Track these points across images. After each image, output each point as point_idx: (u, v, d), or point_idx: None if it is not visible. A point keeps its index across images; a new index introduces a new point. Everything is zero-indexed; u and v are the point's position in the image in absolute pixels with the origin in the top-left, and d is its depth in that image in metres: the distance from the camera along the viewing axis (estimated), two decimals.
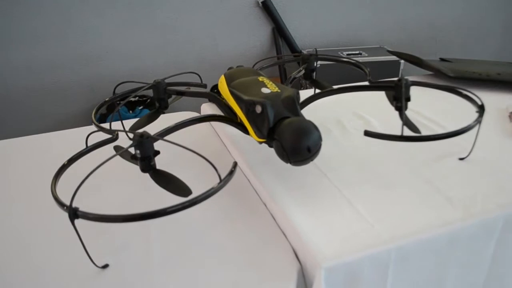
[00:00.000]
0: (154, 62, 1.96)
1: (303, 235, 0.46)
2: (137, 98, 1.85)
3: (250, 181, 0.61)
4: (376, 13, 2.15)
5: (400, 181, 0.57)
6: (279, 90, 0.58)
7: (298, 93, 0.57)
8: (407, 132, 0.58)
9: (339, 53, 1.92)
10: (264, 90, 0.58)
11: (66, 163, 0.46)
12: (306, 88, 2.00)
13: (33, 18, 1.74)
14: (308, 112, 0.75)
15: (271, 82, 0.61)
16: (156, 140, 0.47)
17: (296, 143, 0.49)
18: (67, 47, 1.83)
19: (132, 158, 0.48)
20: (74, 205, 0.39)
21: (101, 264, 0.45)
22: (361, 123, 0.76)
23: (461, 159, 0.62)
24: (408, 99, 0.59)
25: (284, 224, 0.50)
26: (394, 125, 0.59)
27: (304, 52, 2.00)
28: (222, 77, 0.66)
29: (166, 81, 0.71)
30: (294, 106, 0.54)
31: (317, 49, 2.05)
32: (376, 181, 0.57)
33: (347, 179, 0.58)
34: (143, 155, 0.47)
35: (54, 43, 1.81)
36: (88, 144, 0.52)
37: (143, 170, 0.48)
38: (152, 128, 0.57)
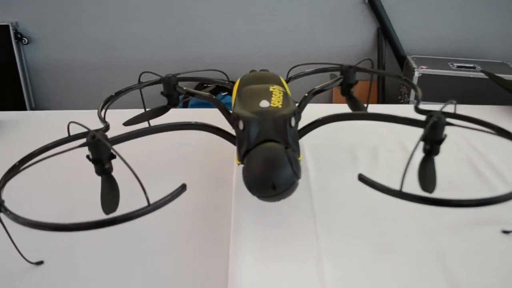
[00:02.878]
0: (247, 51, 1.95)
1: None
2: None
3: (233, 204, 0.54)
4: (504, 22, 1.81)
5: (401, 248, 0.44)
6: (279, 106, 0.49)
7: (296, 113, 0.47)
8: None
9: (448, 64, 1.67)
10: (263, 104, 0.49)
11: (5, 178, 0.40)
12: (403, 102, 1.79)
13: None
14: (344, 131, 0.65)
15: (280, 94, 0.52)
16: (108, 145, 0.43)
17: (258, 176, 0.41)
18: (166, 26, 1.91)
19: (87, 158, 0.45)
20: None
21: (35, 260, 0.44)
22: (401, 156, 0.62)
23: (506, 232, 0.46)
24: (439, 141, 0.45)
25: (230, 271, 0.42)
26: (442, 168, 0.43)
27: (409, 58, 1.80)
28: (238, 80, 0.59)
29: (187, 75, 0.66)
30: (284, 128, 0.46)
31: (425, 56, 1.82)
32: (371, 239, 0.45)
33: (335, 228, 0.47)
34: (94, 157, 0.43)
35: (153, 21, 1.90)
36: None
37: (97, 172, 0.45)
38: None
